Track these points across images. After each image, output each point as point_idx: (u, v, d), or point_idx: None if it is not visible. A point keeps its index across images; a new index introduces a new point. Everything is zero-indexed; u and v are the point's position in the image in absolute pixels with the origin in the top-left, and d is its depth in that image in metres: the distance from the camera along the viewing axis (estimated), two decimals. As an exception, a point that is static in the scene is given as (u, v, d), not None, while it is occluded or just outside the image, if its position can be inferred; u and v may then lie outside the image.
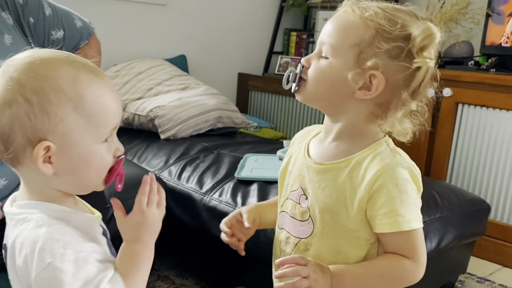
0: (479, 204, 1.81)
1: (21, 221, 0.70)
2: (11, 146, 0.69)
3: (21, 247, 0.68)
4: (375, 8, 0.83)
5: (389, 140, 0.88)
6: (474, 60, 2.50)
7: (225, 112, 2.46)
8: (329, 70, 0.84)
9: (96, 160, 0.72)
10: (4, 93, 0.68)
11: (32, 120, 0.67)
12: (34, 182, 0.72)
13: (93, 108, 0.70)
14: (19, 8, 1.24)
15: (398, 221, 0.80)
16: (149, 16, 2.85)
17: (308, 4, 3.29)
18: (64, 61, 0.70)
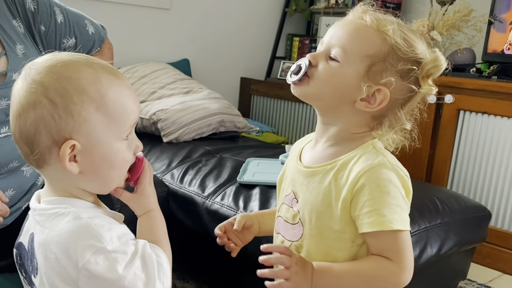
0: (480, 211, 1.81)
1: (54, 215, 0.72)
2: (36, 147, 0.70)
3: (59, 239, 0.69)
4: (393, 24, 0.84)
5: (377, 142, 0.88)
6: (476, 67, 2.51)
7: (227, 116, 2.47)
8: (338, 74, 0.85)
9: (118, 158, 0.75)
10: (28, 95, 0.70)
11: (57, 120, 0.69)
12: (60, 181, 0.74)
13: (114, 107, 0.72)
14: (30, 15, 1.21)
15: (379, 220, 0.79)
16: (153, 20, 2.87)
17: (311, 10, 3.31)
18: (84, 63, 0.72)
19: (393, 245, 0.81)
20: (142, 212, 0.81)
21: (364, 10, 0.87)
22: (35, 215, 0.75)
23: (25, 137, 0.71)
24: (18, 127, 0.72)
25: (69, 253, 0.68)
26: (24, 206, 1.21)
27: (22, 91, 0.71)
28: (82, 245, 0.68)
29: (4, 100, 1.10)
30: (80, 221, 0.70)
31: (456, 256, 1.74)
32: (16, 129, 0.72)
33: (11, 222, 1.19)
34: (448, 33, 2.49)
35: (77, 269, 0.68)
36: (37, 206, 0.76)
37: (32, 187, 1.22)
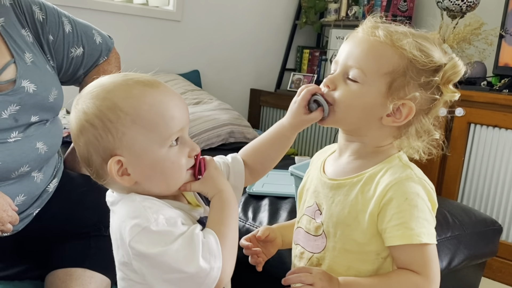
0: (490, 224, 1.80)
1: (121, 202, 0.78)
2: (92, 166, 0.77)
3: (118, 222, 0.76)
4: (407, 36, 0.83)
5: (403, 155, 0.88)
6: (486, 81, 2.50)
7: (237, 127, 2.48)
8: (360, 95, 0.84)
9: (167, 164, 0.76)
10: (76, 123, 0.76)
11: (100, 140, 0.74)
12: (125, 191, 0.79)
13: (149, 116, 0.75)
14: (38, 25, 1.23)
15: (407, 234, 0.79)
16: (164, 32, 2.90)
17: (321, 22, 3.32)
18: (119, 81, 0.77)
19: (420, 259, 0.81)
20: (212, 194, 0.81)
21: (374, 25, 0.86)
22: (109, 202, 0.81)
23: (83, 160, 0.78)
24: (78, 152, 0.78)
25: (122, 234, 0.73)
26: (35, 212, 1.22)
27: (72, 120, 0.78)
28: (129, 225, 0.72)
29: (13, 105, 1.12)
30: (132, 203, 0.75)
31: (467, 270, 1.72)
32: (78, 154, 0.79)
33: (22, 228, 1.19)
34: (458, 47, 2.48)
35: (127, 247, 0.72)
36: (111, 195, 0.82)
37: (43, 193, 1.23)
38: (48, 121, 1.22)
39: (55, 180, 1.27)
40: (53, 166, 1.27)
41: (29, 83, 1.14)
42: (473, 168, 2.33)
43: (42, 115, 1.18)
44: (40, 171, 1.21)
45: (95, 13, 2.58)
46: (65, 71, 1.30)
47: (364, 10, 3.09)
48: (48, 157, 1.21)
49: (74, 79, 1.35)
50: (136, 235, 0.71)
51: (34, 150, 1.16)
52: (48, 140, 1.20)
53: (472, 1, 2.53)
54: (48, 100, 1.18)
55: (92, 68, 1.35)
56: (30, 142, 1.15)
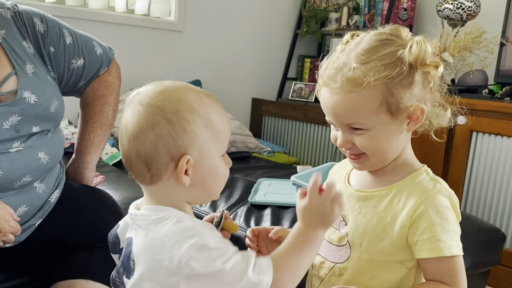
0: (494, 233, 1.79)
1: (159, 220, 0.76)
2: (155, 164, 0.76)
3: (165, 240, 0.73)
4: (364, 63, 0.82)
5: (428, 170, 0.90)
6: (488, 89, 2.50)
7: (239, 137, 2.48)
8: (375, 137, 0.85)
9: (220, 171, 0.81)
10: (146, 117, 0.76)
11: (174, 138, 0.76)
12: (167, 195, 0.79)
13: (217, 124, 0.79)
14: (39, 37, 1.23)
15: (439, 246, 0.81)
16: (165, 42, 2.91)
17: (322, 32, 3.33)
18: (187, 88, 0.80)
19: (451, 270, 0.83)
20: (305, 223, 0.81)
21: (331, 75, 0.85)
22: (137, 220, 0.79)
23: (144, 156, 0.77)
24: (135, 148, 0.77)
25: (173, 253, 0.71)
26: (37, 223, 1.21)
27: (137, 115, 0.77)
28: (186, 244, 0.71)
29: (14, 116, 1.12)
30: (184, 223, 0.75)
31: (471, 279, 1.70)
32: (132, 151, 0.78)
33: (24, 239, 1.19)
34: (459, 55, 2.49)
35: (180, 267, 0.71)
36: (137, 212, 0.80)
37: (45, 204, 1.23)
38: (50, 131, 1.22)
39: (57, 191, 1.27)
40: (55, 176, 1.27)
41: (30, 94, 1.15)
42: (475, 176, 2.32)
43: (43, 126, 1.18)
44: (42, 181, 1.21)
45: (96, 24, 2.59)
46: (66, 82, 1.30)
47: (365, 19, 3.10)
48: (50, 167, 1.22)
49: (75, 90, 1.35)
50: (195, 253, 0.71)
51: (36, 160, 1.16)
52: (50, 150, 1.20)
53: (473, 10, 2.53)
54: (49, 110, 1.19)
55: (93, 79, 1.36)
56: (32, 152, 1.15)
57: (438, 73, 0.85)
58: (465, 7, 2.52)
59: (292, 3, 3.42)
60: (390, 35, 0.86)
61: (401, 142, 0.88)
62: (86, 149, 1.37)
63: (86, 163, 1.38)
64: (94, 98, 1.37)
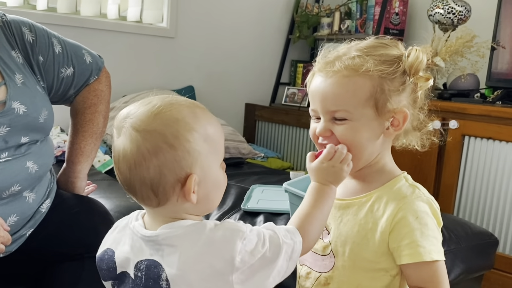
0: (486, 238, 1.80)
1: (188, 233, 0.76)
2: (162, 189, 0.75)
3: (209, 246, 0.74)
4: (363, 57, 0.85)
5: (408, 176, 0.91)
6: (480, 93, 2.52)
7: (232, 143, 2.48)
8: (356, 130, 0.86)
9: (221, 181, 0.82)
10: (146, 144, 0.74)
11: (178, 161, 0.75)
12: (176, 213, 0.79)
13: (214, 135, 0.80)
14: (28, 46, 1.23)
15: (419, 251, 0.82)
16: (158, 49, 2.91)
17: (314, 37, 3.34)
18: (178, 104, 0.78)
19: (432, 276, 0.83)
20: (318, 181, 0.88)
21: (328, 61, 0.87)
22: (160, 240, 0.77)
23: (150, 183, 0.75)
24: (139, 176, 0.75)
25: (223, 253, 0.73)
26: (28, 233, 1.20)
27: (136, 142, 0.75)
28: (232, 241, 0.73)
29: (3, 127, 1.12)
30: (211, 225, 0.76)
31: (464, 284, 1.71)
32: (135, 178, 0.76)
33: (15, 249, 1.18)
34: (451, 59, 2.50)
35: (233, 265, 0.73)
36: (154, 233, 0.78)
37: (36, 213, 1.22)
38: (39, 141, 1.21)
39: (48, 200, 1.26)
40: (46, 186, 1.26)
41: (19, 104, 1.14)
42: (468, 180, 2.33)
43: (32, 136, 1.18)
44: (32, 191, 1.20)
45: (88, 31, 2.59)
46: (55, 91, 1.30)
47: (357, 24, 3.11)
48: (39, 176, 1.21)
49: (64, 98, 1.35)
50: (241, 243, 0.73)
51: (24, 169, 1.15)
52: (39, 160, 1.19)
53: (463, 14, 2.55)
54: (38, 121, 1.18)
55: (83, 87, 1.35)
56: (20, 161, 1.15)
57: (428, 85, 0.87)
58: (456, 11, 2.54)
59: (284, 9, 3.43)
60: (389, 42, 0.90)
61: (379, 146, 0.88)
62: (77, 158, 1.37)
63: (77, 172, 1.38)
64: (84, 107, 1.36)
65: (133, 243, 0.80)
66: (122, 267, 0.81)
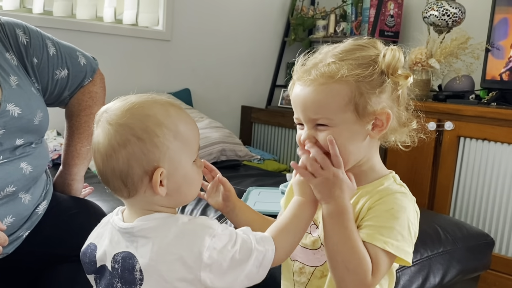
0: (482, 238, 1.80)
1: (161, 224, 0.80)
2: (130, 180, 0.80)
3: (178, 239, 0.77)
4: (338, 62, 0.85)
5: (396, 176, 0.92)
6: (475, 94, 2.53)
7: (228, 145, 2.48)
8: (339, 135, 0.85)
9: (194, 176, 0.85)
10: (117, 137, 0.79)
11: (146, 153, 0.79)
12: (150, 204, 0.82)
13: (185, 133, 0.83)
14: (22, 48, 1.23)
15: (374, 235, 0.82)
16: (154, 51, 2.91)
17: (310, 39, 3.35)
18: (152, 101, 0.83)
19: (376, 259, 0.82)
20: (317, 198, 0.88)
21: (305, 70, 0.87)
22: (135, 232, 0.81)
23: (119, 174, 0.79)
24: (110, 167, 0.80)
25: (191, 247, 0.76)
26: (25, 235, 1.20)
27: (108, 135, 0.79)
28: (201, 236, 0.77)
29: None
30: (185, 220, 0.80)
31: (460, 284, 1.72)
32: (107, 169, 0.80)
33: (12, 251, 1.18)
34: (446, 61, 2.51)
35: (200, 260, 0.76)
36: (130, 225, 0.82)
37: (32, 215, 1.22)
38: (33, 143, 1.21)
39: (44, 202, 1.26)
40: (42, 187, 1.26)
41: (14, 106, 1.14)
42: (464, 181, 2.34)
43: (27, 138, 1.18)
44: (28, 192, 1.20)
45: (84, 34, 2.59)
46: (50, 93, 1.30)
47: (352, 26, 3.13)
48: (34, 177, 1.21)
49: (59, 101, 1.35)
50: (210, 240, 0.76)
51: (18, 170, 1.15)
52: (33, 161, 1.19)
53: (458, 16, 2.56)
54: (33, 123, 1.18)
55: (77, 89, 1.35)
56: (14, 163, 1.14)
57: (407, 83, 0.86)
58: (450, 13, 2.55)
59: (279, 11, 3.44)
60: (366, 43, 0.89)
61: (365, 148, 0.89)
62: (73, 161, 1.37)
63: (73, 174, 1.38)
64: (79, 109, 1.36)
65: (111, 237, 0.84)
66: (102, 261, 0.85)
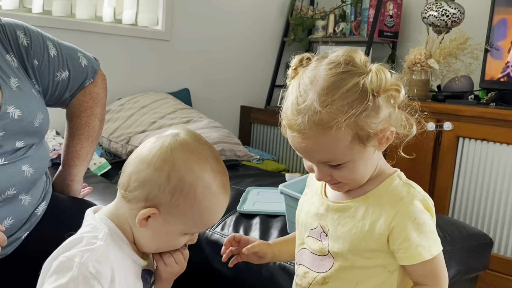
0: (481, 238, 1.80)
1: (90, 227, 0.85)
2: (131, 192, 0.82)
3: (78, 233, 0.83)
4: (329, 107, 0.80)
5: (401, 174, 0.92)
6: (474, 94, 2.53)
7: (227, 145, 2.48)
8: (353, 169, 0.86)
9: (172, 244, 0.87)
10: (159, 158, 0.81)
11: (160, 192, 0.80)
12: (125, 216, 0.85)
13: (200, 214, 0.83)
14: (23, 50, 1.22)
15: (419, 251, 0.85)
16: (153, 51, 2.91)
17: (309, 39, 3.35)
18: (212, 166, 0.83)
19: (434, 270, 0.87)
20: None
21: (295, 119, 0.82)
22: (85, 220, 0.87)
23: (134, 177, 0.82)
24: (135, 166, 0.82)
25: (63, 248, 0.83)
26: (24, 236, 1.20)
27: (157, 149, 0.81)
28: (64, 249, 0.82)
29: None
30: (79, 263, 0.79)
31: (459, 284, 1.72)
32: (132, 164, 0.83)
33: (11, 252, 1.18)
34: (445, 61, 2.52)
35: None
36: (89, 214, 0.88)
37: (31, 216, 1.21)
38: (34, 145, 1.21)
39: (43, 203, 1.26)
40: (41, 188, 1.26)
41: (14, 108, 1.13)
42: (463, 181, 2.34)
43: (27, 140, 1.17)
44: (28, 193, 1.20)
45: (84, 34, 2.59)
46: (51, 94, 1.30)
47: (351, 27, 3.13)
48: (35, 179, 1.21)
49: (60, 102, 1.34)
50: (59, 263, 0.79)
51: (20, 173, 1.15)
52: (34, 163, 1.19)
53: (457, 16, 2.57)
54: (33, 125, 1.18)
55: (79, 90, 1.35)
56: (15, 165, 1.14)
57: (400, 96, 0.83)
58: (449, 14, 2.55)
59: (279, 11, 3.44)
60: (345, 65, 0.83)
61: (375, 160, 0.89)
62: (73, 162, 1.37)
63: (73, 175, 1.38)
64: (80, 110, 1.36)
65: None
66: None
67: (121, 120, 2.54)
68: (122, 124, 2.52)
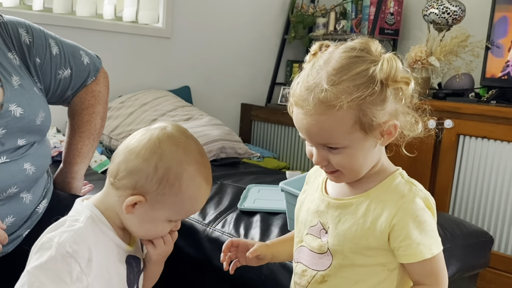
0: (481, 236, 1.80)
1: (75, 212, 0.90)
2: (120, 180, 0.86)
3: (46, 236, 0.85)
4: (335, 84, 0.81)
5: (403, 172, 0.92)
6: (474, 92, 2.53)
7: (228, 143, 2.48)
8: (352, 155, 0.86)
9: (157, 230, 0.91)
10: (148, 149, 0.85)
11: (148, 181, 0.85)
12: (112, 203, 0.89)
13: (186, 204, 0.88)
14: (25, 48, 1.22)
15: (420, 250, 0.85)
16: (154, 49, 2.91)
17: (310, 37, 3.34)
18: (196, 159, 0.88)
19: (434, 269, 0.87)
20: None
21: (302, 95, 0.83)
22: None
23: (123, 167, 0.86)
24: (124, 156, 0.86)
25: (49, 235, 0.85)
26: (25, 234, 1.20)
27: (145, 140, 0.86)
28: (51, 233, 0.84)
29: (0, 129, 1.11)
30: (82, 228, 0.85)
31: (460, 282, 1.72)
32: (121, 155, 0.87)
33: (12, 250, 1.18)
34: (446, 59, 2.51)
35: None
36: (78, 202, 0.92)
37: (32, 214, 1.22)
38: (36, 142, 1.21)
39: (44, 200, 1.26)
40: (42, 186, 1.26)
41: (16, 106, 1.13)
42: (463, 179, 2.34)
43: (29, 138, 1.18)
44: (29, 191, 1.20)
45: (84, 31, 2.59)
46: (53, 92, 1.30)
47: (352, 24, 3.12)
48: (37, 177, 1.21)
49: (62, 100, 1.34)
50: (41, 243, 0.83)
51: (22, 171, 1.15)
52: (36, 161, 1.19)
53: (458, 14, 2.56)
54: (35, 123, 1.18)
55: (81, 88, 1.35)
56: (17, 163, 1.14)
57: (409, 89, 0.84)
58: (450, 11, 2.55)
59: (279, 9, 3.44)
60: (360, 50, 0.84)
61: (376, 155, 0.89)
62: (74, 159, 1.37)
63: (74, 173, 1.38)
64: (81, 108, 1.36)
65: None
66: None
67: (121, 118, 2.54)
68: (123, 122, 2.52)
